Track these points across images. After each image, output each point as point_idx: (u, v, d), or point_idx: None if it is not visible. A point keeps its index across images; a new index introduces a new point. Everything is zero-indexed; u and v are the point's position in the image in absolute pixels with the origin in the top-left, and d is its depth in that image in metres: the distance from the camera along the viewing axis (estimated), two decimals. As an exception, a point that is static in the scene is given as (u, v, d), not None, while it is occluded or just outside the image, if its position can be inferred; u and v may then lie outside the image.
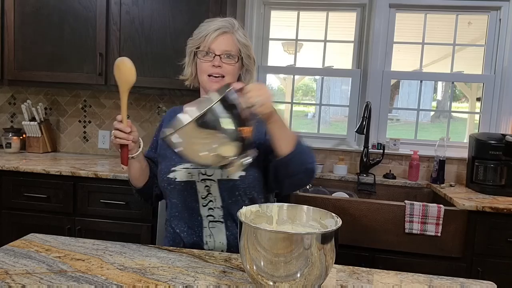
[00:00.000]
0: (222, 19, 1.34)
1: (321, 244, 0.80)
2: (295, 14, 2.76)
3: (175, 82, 2.37)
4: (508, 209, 1.91)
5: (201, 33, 1.31)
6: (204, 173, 1.27)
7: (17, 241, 1.13)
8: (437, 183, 2.42)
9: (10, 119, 2.93)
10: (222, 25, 1.30)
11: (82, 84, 2.47)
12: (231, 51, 1.30)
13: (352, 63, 2.75)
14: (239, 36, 1.32)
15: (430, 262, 1.95)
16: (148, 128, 2.79)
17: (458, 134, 3.24)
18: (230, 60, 1.30)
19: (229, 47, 1.30)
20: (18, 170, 2.22)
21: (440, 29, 2.73)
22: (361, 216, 1.98)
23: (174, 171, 1.28)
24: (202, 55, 1.30)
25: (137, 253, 1.09)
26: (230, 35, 1.31)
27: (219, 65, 1.28)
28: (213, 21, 1.33)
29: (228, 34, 1.30)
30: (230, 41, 1.31)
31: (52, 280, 0.90)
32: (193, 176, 1.27)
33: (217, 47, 1.29)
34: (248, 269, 0.85)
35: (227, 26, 1.31)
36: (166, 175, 1.29)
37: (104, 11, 2.38)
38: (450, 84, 2.85)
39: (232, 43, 1.31)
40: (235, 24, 1.34)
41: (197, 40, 1.32)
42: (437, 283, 0.99)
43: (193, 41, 1.34)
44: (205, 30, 1.30)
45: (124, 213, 2.17)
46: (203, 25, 1.34)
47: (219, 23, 1.31)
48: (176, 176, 1.28)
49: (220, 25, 1.30)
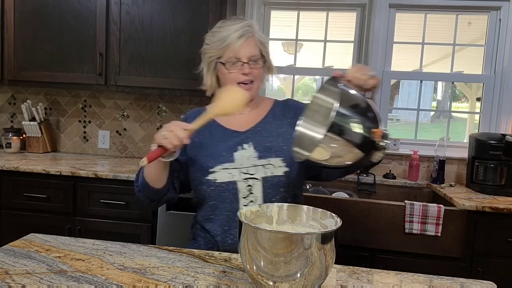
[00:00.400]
0: (239, 22, 1.27)
1: (321, 244, 0.80)
2: (295, 14, 2.76)
3: (175, 82, 2.39)
4: (508, 209, 1.91)
5: (222, 42, 1.24)
6: (246, 172, 1.23)
7: (17, 241, 1.13)
8: (437, 183, 2.42)
9: (10, 119, 2.93)
10: (244, 30, 1.24)
11: (82, 84, 2.47)
12: (256, 55, 1.26)
13: (352, 63, 2.75)
14: (259, 36, 1.28)
15: (430, 262, 1.95)
16: (148, 128, 2.79)
17: (458, 134, 3.25)
18: (257, 64, 1.26)
19: (254, 51, 1.26)
20: (18, 170, 2.22)
21: (440, 29, 2.73)
22: (361, 216, 1.98)
23: (213, 173, 1.23)
24: (229, 65, 1.25)
25: (137, 253, 1.09)
26: (252, 38, 1.26)
27: (249, 72, 1.24)
28: (231, 25, 1.25)
29: (250, 37, 1.25)
30: (253, 44, 1.26)
31: (52, 280, 0.90)
32: (234, 176, 1.23)
33: (243, 54, 1.24)
34: (248, 269, 0.85)
35: (248, 30, 1.25)
36: (204, 177, 1.23)
37: (104, 11, 2.38)
38: (450, 84, 2.85)
39: (255, 45, 1.26)
40: (253, 24, 1.28)
41: (219, 49, 1.25)
42: (437, 283, 0.99)
43: (212, 50, 1.27)
44: (226, 37, 1.23)
45: (124, 213, 2.17)
46: (220, 31, 1.26)
47: (239, 27, 1.24)
48: (216, 177, 1.23)
49: (242, 30, 1.24)
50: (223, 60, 1.25)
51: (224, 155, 1.25)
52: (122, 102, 2.80)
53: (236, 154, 1.25)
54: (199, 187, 1.26)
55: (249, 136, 1.28)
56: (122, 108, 2.80)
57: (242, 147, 1.26)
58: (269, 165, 1.24)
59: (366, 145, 0.93)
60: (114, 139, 2.83)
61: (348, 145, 0.92)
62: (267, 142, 1.27)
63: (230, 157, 1.24)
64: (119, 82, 2.42)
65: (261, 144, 1.27)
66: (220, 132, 1.30)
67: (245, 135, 1.29)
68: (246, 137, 1.28)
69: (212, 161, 1.24)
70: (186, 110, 2.73)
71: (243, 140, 1.27)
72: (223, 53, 1.25)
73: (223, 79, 1.28)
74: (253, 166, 1.23)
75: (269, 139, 1.28)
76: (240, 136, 1.29)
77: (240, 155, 1.24)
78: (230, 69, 1.25)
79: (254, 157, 1.24)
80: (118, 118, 2.82)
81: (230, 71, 1.25)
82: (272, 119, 1.34)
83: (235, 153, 1.25)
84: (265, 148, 1.26)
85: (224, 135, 1.30)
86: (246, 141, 1.27)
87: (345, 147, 0.92)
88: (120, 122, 2.82)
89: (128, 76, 2.41)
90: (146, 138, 2.80)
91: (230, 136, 1.29)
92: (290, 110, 1.36)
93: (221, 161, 1.24)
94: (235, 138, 1.28)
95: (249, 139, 1.27)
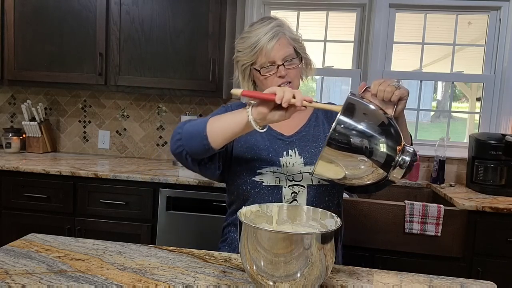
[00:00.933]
0: (267, 23, 1.20)
1: (321, 244, 0.80)
2: (295, 14, 2.76)
3: (175, 82, 2.39)
4: (508, 209, 1.91)
5: (254, 48, 1.18)
6: (292, 179, 1.19)
7: (17, 241, 1.13)
8: (437, 183, 2.42)
9: (10, 119, 2.93)
10: (274, 31, 1.18)
11: (82, 84, 2.47)
12: (291, 54, 1.20)
13: (352, 63, 2.75)
14: (290, 34, 1.21)
15: (430, 262, 1.95)
16: (148, 128, 2.79)
17: (458, 134, 3.25)
18: (292, 64, 1.20)
19: (288, 50, 1.19)
20: (18, 170, 2.22)
21: (440, 29, 2.72)
22: (361, 216, 1.98)
23: (260, 174, 1.20)
24: (264, 71, 1.19)
25: (137, 253, 1.09)
26: (283, 37, 1.19)
27: (285, 73, 1.19)
28: (260, 28, 1.19)
29: (281, 37, 1.19)
30: (286, 44, 1.19)
31: (52, 280, 0.90)
32: (281, 181, 1.19)
33: (277, 56, 1.18)
34: (248, 269, 0.85)
35: (279, 30, 1.18)
36: (251, 178, 1.20)
37: (104, 11, 2.38)
38: (450, 84, 2.85)
39: (288, 45, 1.20)
40: (282, 22, 1.22)
41: (251, 56, 1.19)
42: (437, 283, 0.99)
43: (245, 56, 1.22)
44: (256, 42, 1.17)
45: (124, 213, 2.17)
46: (249, 36, 1.20)
47: (268, 29, 1.18)
48: (263, 179, 1.19)
49: (272, 32, 1.17)
50: (257, 66, 1.20)
51: (271, 158, 1.22)
52: (122, 102, 2.80)
53: (282, 159, 1.21)
54: (242, 186, 1.22)
55: (295, 142, 1.25)
56: (122, 108, 2.80)
57: (288, 153, 1.22)
58: None
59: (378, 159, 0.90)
60: (114, 139, 2.83)
61: (353, 159, 0.90)
62: (313, 147, 1.24)
63: (277, 161, 1.21)
64: (119, 82, 2.42)
65: (306, 150, 1.23)
66: (267, 133, 1.25)
67: (290, 140, 1.25)
68: (292, 142, 1.25)
69: (260, 162, 1.21)
70: (186, 110, 2.73)
71: (288, 145, 1.24)
72: (256, 59, 1.19)
73: (260, 85, 1.23)
74: (299, 173, 1.20)
75: (314, 145, 1.24)
76: (286, 140, 1.25)
77: (286, 161, 1.21)
78: (265, 74, 1.19)
79: (300, 163, 1.21)
80: (118, 118, 2.82)
81: (265, 76, 1.20)
82: (315, 122, 1.30)
83: (281, 158, 1.21)
84: (311, 154, 1.23)
85: (270, 137, 1.26)
86: (292, 147, 1.24)
87: (352, 162, 0.90)
88: (120, 122, 2.82)
89: (128, 76, 2.41)
90: (146, 138, 2.80)
91: (276, 138, 1.25)
92: (332, 113, 1.30)
93: (269, 163, 1.20)
94: (280, 141, 1.25)
95: (295, 145, 1.24)
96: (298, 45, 1.23)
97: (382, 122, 0.92)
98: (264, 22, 1.21)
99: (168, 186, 2.13)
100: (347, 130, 0.89)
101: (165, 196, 2.13)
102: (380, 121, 0.92)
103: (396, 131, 0.93)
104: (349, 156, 0.90)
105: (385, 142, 0.90)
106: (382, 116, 0.94)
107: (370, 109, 0.94)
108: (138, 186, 2.16)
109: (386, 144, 0.90)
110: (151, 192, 2.15)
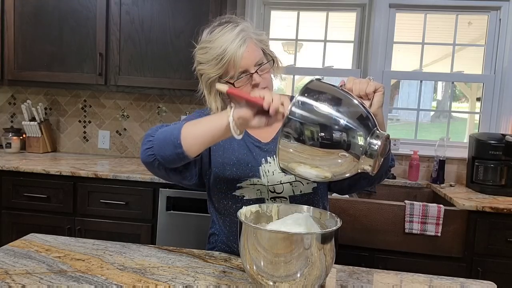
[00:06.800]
0: (231, 28, 1.07)
1: (321, 244, 0.80)
2: (295, 14, 2.76)
3: (175, 82, 2.39)
4: (508, 209, 1.91)
5: (221, 59, 1.04)
6: (273, 190, 1.13)
7: (17, 241, 1.13)
8: (437, 183, 2.42)
9: (10, 119, 2.92)
10: (241, 37, 1.05)
11: (82, 84, 2.47)
12: (261, 58, 1.09)
13: (352, 63, 2.75)
14: (256, 36, 1.10)
15: (430, 262, 1.95)
16: (148, 128, 2.78)
17: (458, 134, 3.25)
18: (265, 69, 1.10)
19: (257, 55, 1.08)
20: (18, 170, 2.22)
21: (440, 29, 2.73)
22: (361, 216, 1.98)
23: (240, 188, 1.13)
24: (237, 83, 1.06)
25: (137, 253, 1.09)
26: (250, 42, 1.07)
27: (259, 81, 1.07)
28: (224, 35, 1.06)
29: (249, 43, 1.07)
30: (254, 48, 1.08)
31: (52, 280, 0.90)
32: (263, 193, 1.13)
33: (249, 64, 1.06)
34: (248, 269, 0.85)
35: (245, 35, 1.06)
36: (231, 192, 1.13)
37: (104, 11, 2.38)
38: (450, 84, 2.85)
39: (256, 48, 1.09)
40: (246, 24, 1.10)
41: (219, 68, 1.06)
42: (437, 283, 0.99)
43: (210, 68, 1.07)
44: (223, 53, 1.04)
45: (124, 213, 2.17)
46: (212, 46, 1.06)
47: (234, 35, 1.05)
48: (243, 193, 1.13)
49: (240, 38, 1.05)
50: (228, 78, 1.07)
51: (251, 168, 1.14)
52: (122, 102, 2.80)
53: (261, 168, 1.14)
54: (223, 201, 1.16)
55: (273, 149, 1.15)
56: (122, 108, 2.80)
57: (267, 161, 1.15)
58: (296, 182, 1.14)
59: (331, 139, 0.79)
60: (114, 139, 2.83)
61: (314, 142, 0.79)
62: None
63: (257, 171, 1.14)
64: (119, 82, 2.42)
65: None
66: (244, 140, 1.17)
67: (267, 147, 1.17)
68: (270, 149, 1.16)
69: (239, 174, 1.13)
70: (186, 110, 2.73)
71: (266, 153, 1.16)
72: (225, 70, 1.06)
73: (232, 98, 1.09)
74: (280, 184, 1.13)
75: None
76: (263, 148, 1.17)
77: (266, 169, 1.14)
78: (238, 85, 1.07)
79: (279, 172, 1.13)
80: (118, 118, 2.82)
81: (238, 87, 1.07)
82: None
83: (260, 167, 1.14)
84: None
85: (248, 144, 1.17)
86: (271, 154, 1.15)
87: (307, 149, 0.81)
88: (120, 122, 2.82)
89: (128, 76, 2.41)
90: (146, 138, 2.79)
91: (253, 145, 1.17)
92: None
93: (249, 175, 1.13)
94: (258, 149, 1.17)
95: (273, 152, 1.14)
96: (265, 46, 1.14)
97: (341, 99, 0.83)
98: (226, 27, 1.07)
99: (168, 186, 2.13)
100: (305, 111, 0.80)
101: (165, 196, 2.13)
102: (340, 98, 0.83)
103: (363, 112, 0.82)
104: (308, 137, 0.80)
105: (347, 121, 0.79)
106: (341, 94, 0.85)
107: (329, 88, 0.85)
108: (138, 186, 2.16)
109: (348, 124, 0.79)
110: (151, 192, 2.15)
